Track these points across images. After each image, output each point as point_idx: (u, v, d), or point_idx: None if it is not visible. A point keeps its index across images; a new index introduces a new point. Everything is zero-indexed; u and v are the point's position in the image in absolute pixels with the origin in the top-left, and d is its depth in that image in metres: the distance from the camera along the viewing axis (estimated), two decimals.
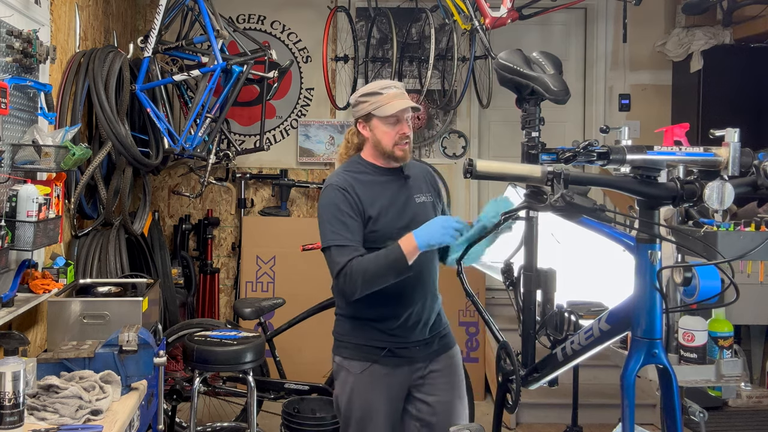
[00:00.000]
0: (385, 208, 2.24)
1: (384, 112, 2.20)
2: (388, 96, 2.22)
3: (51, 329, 2.57)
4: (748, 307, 4.03)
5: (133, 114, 3.92)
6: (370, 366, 2.25)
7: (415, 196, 2.30)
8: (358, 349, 2.28)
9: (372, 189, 2.25)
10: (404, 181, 2.31)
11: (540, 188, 1.79)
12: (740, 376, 2.14)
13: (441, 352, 2.35)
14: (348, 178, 2.24)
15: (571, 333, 1.85)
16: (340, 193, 2.19)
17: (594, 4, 5.25)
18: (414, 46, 4.97)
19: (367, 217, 2.21)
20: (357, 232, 2.17)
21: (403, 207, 2.27)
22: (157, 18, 3.87)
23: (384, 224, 2.23)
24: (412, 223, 2.22)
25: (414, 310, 2.27)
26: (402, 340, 2.27)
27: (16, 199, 2.39)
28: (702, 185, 1.49)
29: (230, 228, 5.15)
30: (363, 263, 2.10)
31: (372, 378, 2.26)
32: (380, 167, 2.30)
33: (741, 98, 4.76)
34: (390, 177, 2.29)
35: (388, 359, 2.27)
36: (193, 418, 3.18)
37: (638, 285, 1.56)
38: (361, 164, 2.30)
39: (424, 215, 2.26)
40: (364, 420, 2.28)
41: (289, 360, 3.92)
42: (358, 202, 2.19)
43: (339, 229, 2.15)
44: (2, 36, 2.48)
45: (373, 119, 2.24)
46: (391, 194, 2.27)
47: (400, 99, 2.22)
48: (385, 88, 2.24)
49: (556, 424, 4.07)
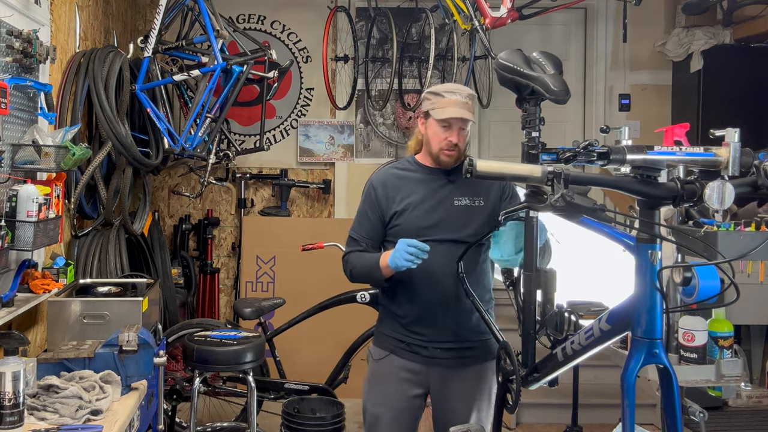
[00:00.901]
0: (413, 205, 2.28)
1: (438, 114, 2.24)
2: (449, 101, 2.24)
3: (51, 329, 2.57)
4: (749, 307, 4.02)
5: (133, 114, 3.91)
6: (388, 355, 2.34)
7: (455, 198, 2.29)
8: (380, 337, 2.40)
9: (407, 185, 2.32)
10: (446, 182, 2.31)
11: (540, 188, 1.79)
12: (740, 376, 2.14)
13: (468, 364, 2.31)
14: (385, 175, 2.37)
15: (571, 333, 1.85)
16: (369, 190, 2.37)
17: (594, 4, 5.25)
18: (414, 46, 4.96)
19: (393, 212, 2.30)
20: (368, 228, 2.34)
21: (435, 206, 2.28)
22: (157, 18, 3.87)
23: (408, 220, 2.27)
24: (441, 223, 2.25)
25: (429, 310, 2.27)
26: (420, 338, 2.29)
27: (16, 199, 2.39)
28: (702, 185, 1.49)
29: (230, 228, 5.15)
30: (354, 259, 2.32)
31: (389, 368, 2.32)
32: (425, 166, 2.34)
33: (741, 98, 4.76)
34: (431, 176, 2.32)
35: (406, 353, 2.31)
36: (193, 418, 3.18)
37: (638, 285, 1.56)
38: (410, 162, 2.39)
39: (461, 219, 2.27)
40: (377, 407, 2.34)
41: (289, 360, 3.92)
42: (380, 199, 2.32)
43: (357, 221, 2.38)
44: (2, 36, 2.48)
45: (430, 118, 2.28)
46: (426, 192, 2.30)
47: (457, 107, 2.23)
48: (450, 92, 2.26)
49: (556, 424, 4.07)
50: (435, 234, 2.24)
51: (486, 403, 2.34)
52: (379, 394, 2.35)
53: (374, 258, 2.25)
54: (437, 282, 2.25)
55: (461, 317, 2.28)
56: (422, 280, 2.24)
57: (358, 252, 2.32)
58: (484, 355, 2.33)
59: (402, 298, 2.30)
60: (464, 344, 2.30)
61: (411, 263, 2.09)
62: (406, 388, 2.31)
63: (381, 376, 2.36)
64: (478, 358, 2.32)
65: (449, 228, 2.25)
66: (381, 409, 2.33)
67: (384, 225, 2.32)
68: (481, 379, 2.33)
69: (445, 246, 2.23)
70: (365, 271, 2.28)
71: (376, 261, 2.23)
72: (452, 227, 2.25)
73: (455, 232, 2.25)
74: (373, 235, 2.33)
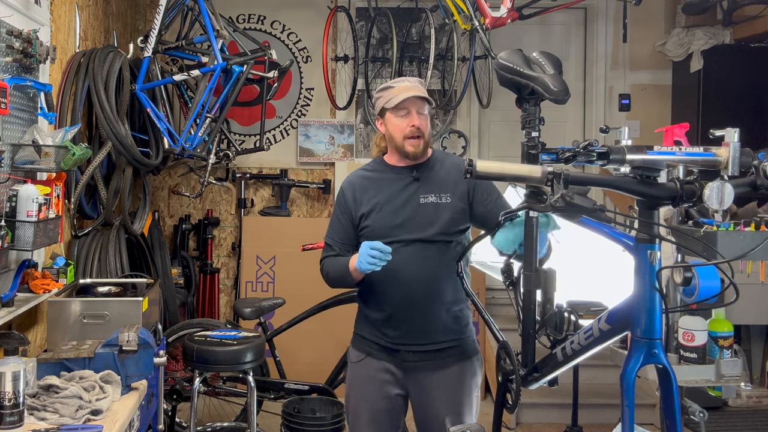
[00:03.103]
0: (380, 206, 2.26)
1: (393, 103, 2.22)
2: (399, 89, 2.24)
3: (51, 329, 2.57)
4: (748, 307, 4.02)
5: (133, 114, 3.91)
6: (365, 358, 2.33)
7: (420, 196, 2.25)
8: (357, 339, 2.39)
9: (373, 186, 2.30)
10: (411, 180, 2.28)
11: (540, 188, 1.79)
12: (740, 376, 2.14)
13: (444, 365, 2.27)
14: (354, 177, 2.37)
15: (571, 333, 1.85)
16: (339, 194, 2.38)
17: (594, 4, 5.25)
18: (414, 46, 4.97)
19: (360, 214, 2.29)
20: (340, 232, 2.34)
21: (401, 206, 2.26)
22: (157, 18, 3.87)
23: (376, 221, 2.26)
24: (407, 222, 2.23)
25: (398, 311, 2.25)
26: (392, 339, 2.27)
27: (16, 199, 2.39)
28: (702, 185, 1.49)
29: (230, 228, 5.15)
30: (328, 265, 2.33)
31: (367, 370, 2.32)
32: (391, 165, 2.33)
33: (741, 98, 4.76)
34: (396, 175, 2.30)
35: (381, 355, 2.30)
36: (193, 418, 3.18)
37: (638, 285, 1.56)
38: (377, 162, 2.39)
39: (426, 216, 2.24)
40: (357, 409, 2.34)
41: (289, 360, 3.93)
42: (349, 202, 2.32)
43: (330, 226, 2.38)
44: (2, 36, 2.48)
45: (387, 113, 2.27)
46: (391, 192, 2.28)
47: (408, 90, 2.22)
48: (398, 81, 2.27)
49: (556, 424, 4.07)
50: (402, 234, 2.22)
51: (467, 406, 2.30)
52: (359, 396, 2.34)
53: (345, 262, 2.24)
54: (405, 283, 2.22)
55: (431, 318, 2.25)
56: (390, 282, 2.22)
57: (332, 257, 2.32)
58: (461, 354, 2.29)
59: (372, 300, 2.30)
60: (437, 345, 2.26)
61: (374, 266, 2.08)
62: (385, 388, 2.30)
63: (360, 378, 2.35)
64: (454, 358, 2.28)
65: (415, 227, 2.22)
66: (360, 410, 2.33)
67: (355, 227, 2.31)
68: (460, 379, 2.29)
69: (411, 247, 2.22)
70: (339, 275, 2.28)
71: (346, 265, 2.22)
72: (418, 226, 2.23)
73: (421, 231, 2.22)
74: (345, 238, 2.33)
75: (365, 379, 2.33)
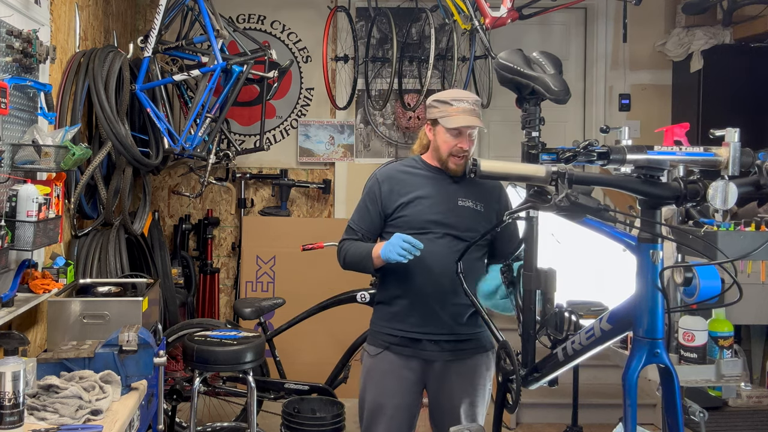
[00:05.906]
0: (420, 198, 2.33)
1: (448, 123, 2.28)
2: (457, 109, 2.28)
3: (51, 329, 2.57)
4: (749, 307, 4.02)
5: (133, 114, 3.91)
6: (382, 352, 2.38)
7: (459, 198, 2.34)
8: (375, 335, 2.44)
9: (413, 179, 2.37)
10: (451, 182, 2.36)
11: (543, 188, 1.79)
12: (740, 376, 2.15)
13: (463, 357, 2.36)
14: (390, 170, 2.43)
15: (571, 333, 1.85)
16: (373, 184, 2.42)
17: (594, 4, 5.25)
18: (414, 46, 4.96)
19: (399, 203, 2.34)
20: (366, 220, 2.40)
21: (441, 202, 2.33)
22: (157, 18, 3.87)
23: (414, 212, 2.32)
24: (445, 219, 2.31)
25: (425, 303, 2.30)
26: (415, 331, 2.32)
27: (16, 199, 2.38)
28: (705, 185, 1.49)
29: (230, 228, 5.14)
30: (347, 247, 2.39)
31: (385, 364, 2.36)
32: (431, 165, 2.40)
33: (741, 98, 4.75)
34: (437, 175, 2.38)
35: (400, 348, 2.35)
36: (193, 418, 3.18)
37: (640, 285, 1.56)
38: (416, 160, 2.44)
39: (462, 217, 2.32)
40: (375, 406, 2.37)
41: (289, 360, 3.92)
42: (384, 193, 2.37)
43: (357, 213, 2.44)
44: (2, 36, 2.47)
45: (438, 126, 2.32)
46: (432, 188, 2.35)
47: (467, 115, 2.27)
48: (457, 100, 2.30)
49: (556, 424, 4.07)
50: (436, 228, 2.30)
51: (481, 397, 2.40)
52: (378, 388, 2.38)
53: (368, 247, 2.33)
54: (436, 276, 2.29)
55: (457, 311, 2.33)
56: (419, 272, 2.29)
57: (353, 240, 2.40)
58: (478, 348, 2.39)
59: (399, 291, 2.35)
60: (460, 337, 2.35)
61: (403, 258, 2.16)
62: (404, 382, 2.35)
63: (378, 371, 2.39)
64: (473, 351, 2.38)
65: (452, 224, 2.31)
66: (382, 402, 2.36)
67: (383, 219, 2.39)
68: (477, 371, 2.38)
69: (445, 240, 2.29)
70: (357, 258, 2.35)
71: (369, 250, 2.31)
72: (455, 224, 2.31)
73: (455, 228, 2.31)
74: (371, 227, 2.40)
75: (384, 372, 2.37)
